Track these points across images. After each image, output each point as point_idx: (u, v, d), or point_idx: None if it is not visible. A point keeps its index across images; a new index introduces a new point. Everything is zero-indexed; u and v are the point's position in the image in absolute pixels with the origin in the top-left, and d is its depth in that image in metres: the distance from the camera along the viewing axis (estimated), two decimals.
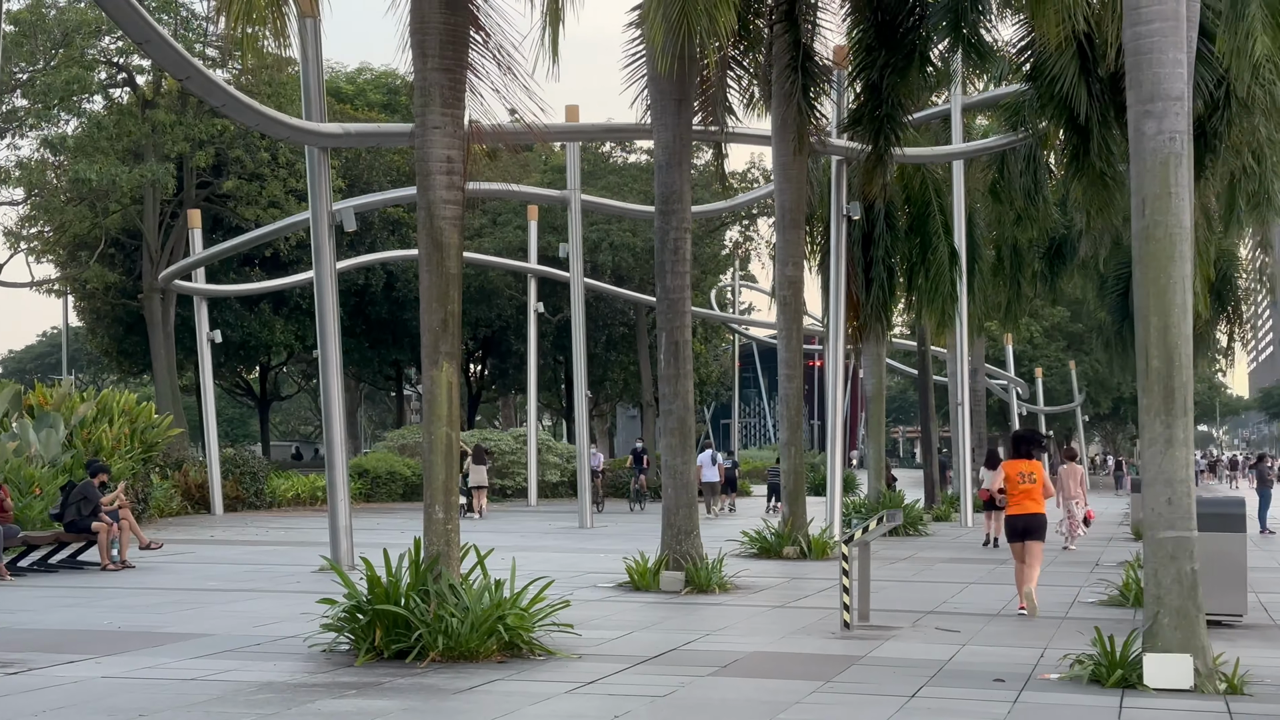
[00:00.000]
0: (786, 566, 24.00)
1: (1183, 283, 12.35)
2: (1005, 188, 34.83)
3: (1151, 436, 12.32)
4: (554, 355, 64.08)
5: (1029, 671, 12.72)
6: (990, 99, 39.18)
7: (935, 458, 42.57)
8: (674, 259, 20.39)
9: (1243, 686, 11.73)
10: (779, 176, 26.84)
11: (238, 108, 20.73)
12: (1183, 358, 12.28)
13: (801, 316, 27.31)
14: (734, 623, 16.25)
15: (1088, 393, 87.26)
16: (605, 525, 36.04)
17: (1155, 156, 12.39)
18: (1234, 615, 16.35)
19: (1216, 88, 23.74)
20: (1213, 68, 23.11)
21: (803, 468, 26.75)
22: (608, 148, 61.29)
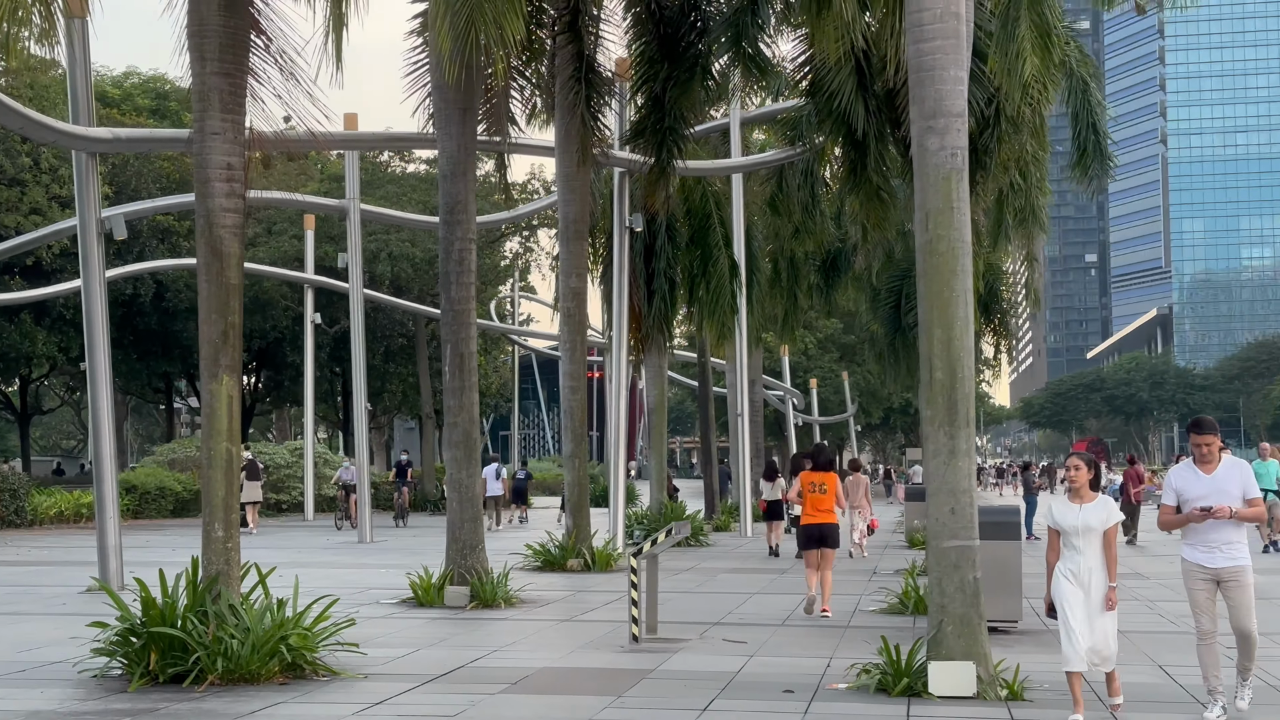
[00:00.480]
0: (571, 579, 23.89)
1: (965, 296, 12.58)
2: (784, 201, 35.32)
3: (935, 447, 12.51)
4: (330, 367, 63.04)
5: (817, 682, 12.81)
6: (769, 113, 39.77)
7: (715, 468, 42.93)
8: (459, 270, 20.14)
9: (1023, 692, 11.96)
10: (562, 188, 26.76)
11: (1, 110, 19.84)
12: (965, 370, 12.51)
13: (585, 328, 27.27)
14: (521, 638, 16.06)
15: (860, 403, 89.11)
16: (385, 540, 35.52)
17: (938, 172, 12.61)
18: (1010, 621, 16.75)
19: (987, 106, 24.37)
20: (984, 86, 23.71)
21: (586, 480, 26.68)
22: (386, 157, 60.56)
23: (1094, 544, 10.72)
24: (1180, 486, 10.99)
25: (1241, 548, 10.83)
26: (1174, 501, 11.03)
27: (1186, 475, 11.02)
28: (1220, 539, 10.75)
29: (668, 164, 26.45)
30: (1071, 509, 10.85)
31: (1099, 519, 10.76)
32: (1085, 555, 10.71)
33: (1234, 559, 10.77)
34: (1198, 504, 10.74)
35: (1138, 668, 13.63)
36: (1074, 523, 10.77)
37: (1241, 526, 10.86)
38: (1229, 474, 10.91)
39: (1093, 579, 10.68)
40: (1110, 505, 10.91)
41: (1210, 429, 10.88)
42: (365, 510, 34.90)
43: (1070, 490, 10.99)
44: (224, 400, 13.11)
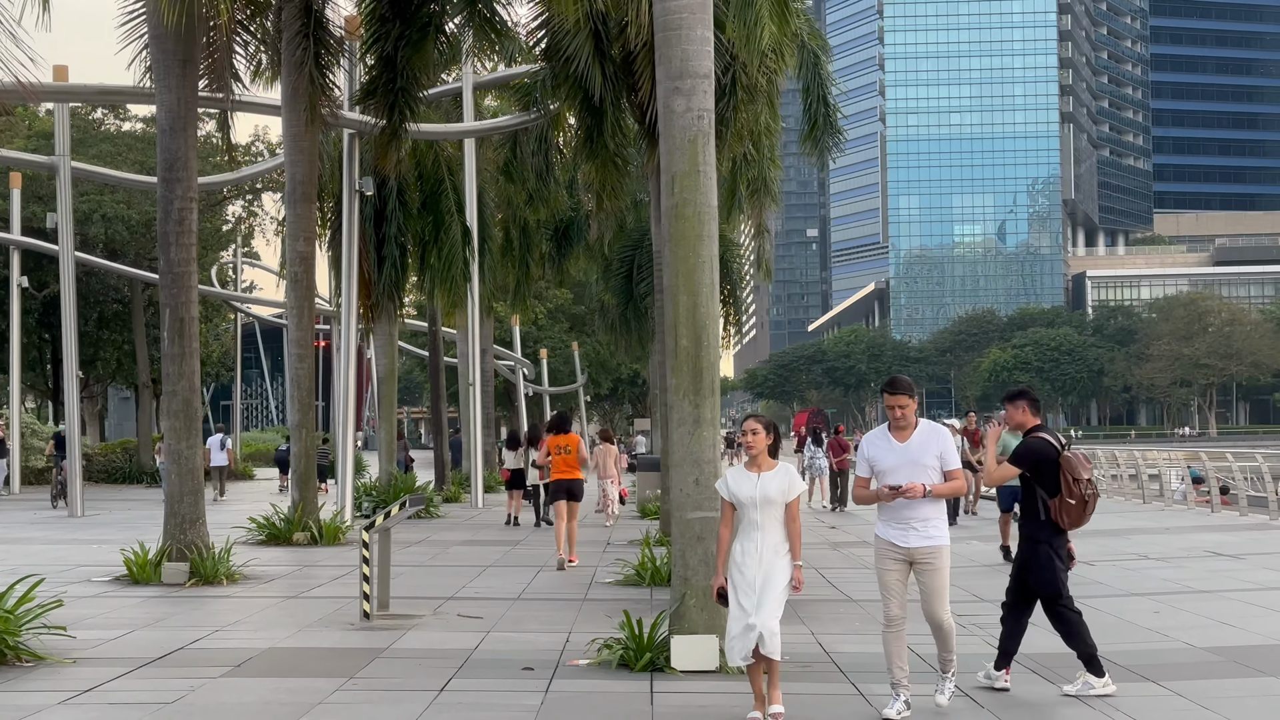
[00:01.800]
0: (297, 553, 23.05)
1: (711, 262, 12.33)
2: (518, 167, 34.81)
3: (680, 417, 12.25)
4: (39, 333, 60.08)
5: (557, 658, 12.43)
6: (502, 78, 39.20)
7: (446, 438, 42.26)
8: (178, 230, 19.10)
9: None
10: (290, 148, 25.78)
11: None
12: (711, 337, 12.27)
13: (313, 294, 26.34)
14: (245, 617, 15.29)
15: (589, 374, 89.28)
16: (98, 513, 33.89)
17: (684, 134, 12.31)
18: None
19: (724, 74, 24.25)
20: (721, 55, 23.58)
21: (313, 450, 25.80)
22: (100, 114, 57.86)
23: (774, 518, 9.64)
24: (873, 455, 10.10)
25: (939, 524, 9.96)
26: (867, 473, 10.19)
27: (879, 443, 10.10)
28: (915, 515, 9.85)
29: (400, 126, 25.61)
30: (748, 478, 9.71)
31: (779, 489, 9.64)
32: (765, 531, 9.62)
33: (930, 538, 9.89)
34: (889, 476, 9.87)
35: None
36: (751, 494, 9.62)
37: (940, 502, 10.00)
38: (925, 442, 9.93)
39: (774, 559, 9.57)
40: (792, 474, 9.80)
41: (904, 389, 9.97)
42: (76, 483, 33.24)
43: (749, 458, 9.83)
44: None
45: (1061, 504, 10.69)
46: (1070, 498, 10.67)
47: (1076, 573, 17.53)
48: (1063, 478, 10.70)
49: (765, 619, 9.39)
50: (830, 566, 20.72)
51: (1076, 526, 10.81)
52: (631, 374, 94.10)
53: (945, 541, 9.98)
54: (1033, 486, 10.85)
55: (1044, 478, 10.77)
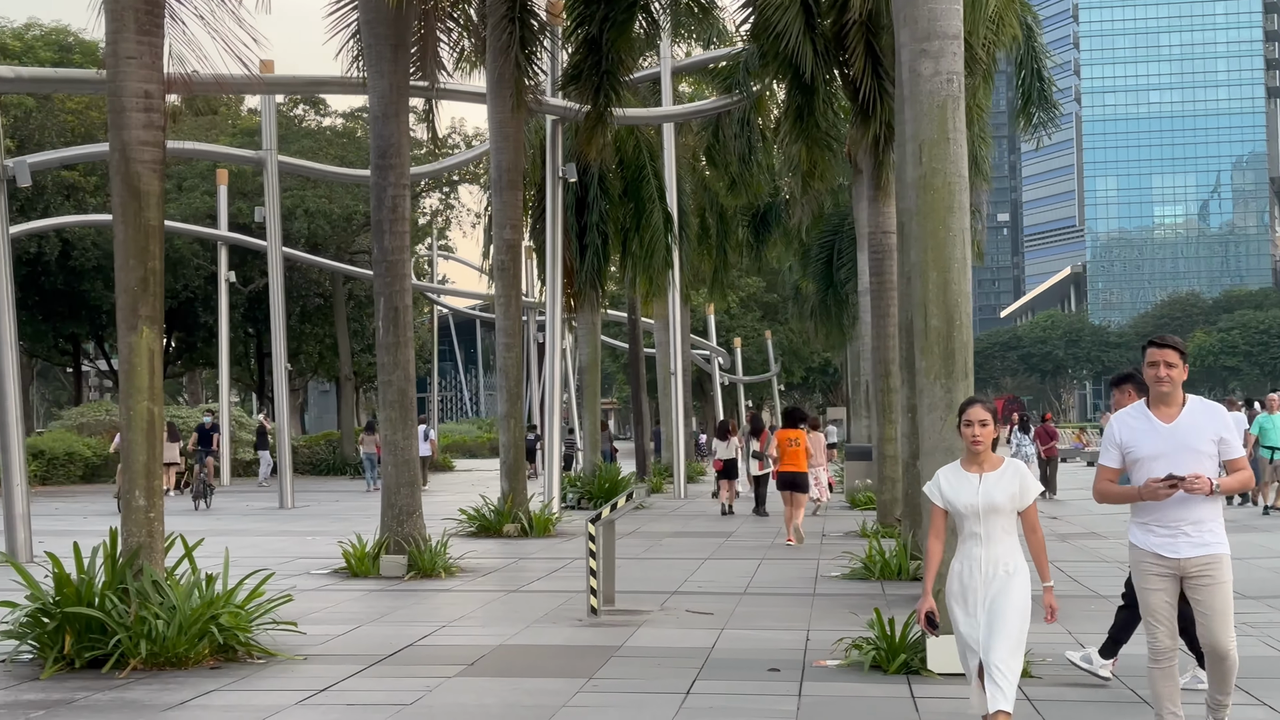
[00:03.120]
0: (509, 545, 22.74)
1: (963, 235, 11.55)
2: (720, 152, 34.25)
3: (931, 402, 11.47)
4: (245, 328, 61.26)
5: (801, 658, 11.76)
6: (701, 61, 38.68)
7: (646, 429, 41.88)
8: (392, 218, 18.84)
9: (1029, 668, 10.96)
10: (495, 135, 25.47)
11: None
12: (964, 316, 11.48)
13: (520, 282, 26.05)
14: (468, 611, 14.90)
15: (782, 362, 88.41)
16: (308, 505, 34.13)
17: (933, 99, 11.53)
18: None
19: None
20: None
21: (523, 440, 25.48)
22: (301, 110, 58.72)
23: (1003, 528, 7.69)
24: (1127, 440, 7.83)
25: (1216, 529, 7.73)
26: (1117, 462, 7.88)
27: (1136, 424, 7.83)
28: (1186, 518, 7.65)
29: (606, 110, 25.19)
30: (968, 480, 7.77)
31: (1007, 494, 7.69)
32: (990, 545, 7.70)
33: (1205, 545, 7.67)
34: (1153, 465, 7.64)
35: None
36: (971, 500, 7.71)
37: (1217, 501, 7.74)
38: (1198, 423, 7.73)
39: (1007, 581, 7.65)
40: (1023, 473, 7.80)
41: (1174, 345, 7.77)
42: (286, 475, 33.51)
43: (968, 454, 7.88)
44: (144, 354, 11.81)
45: None
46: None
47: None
48: None
49: (997, 659, 7.55)
50: (1065, 560, 19.69)
51: None
52: (823, 363, 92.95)
53: (1225, 549, 7.74)
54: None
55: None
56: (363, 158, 54.84)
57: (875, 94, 23.60)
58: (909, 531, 18.11)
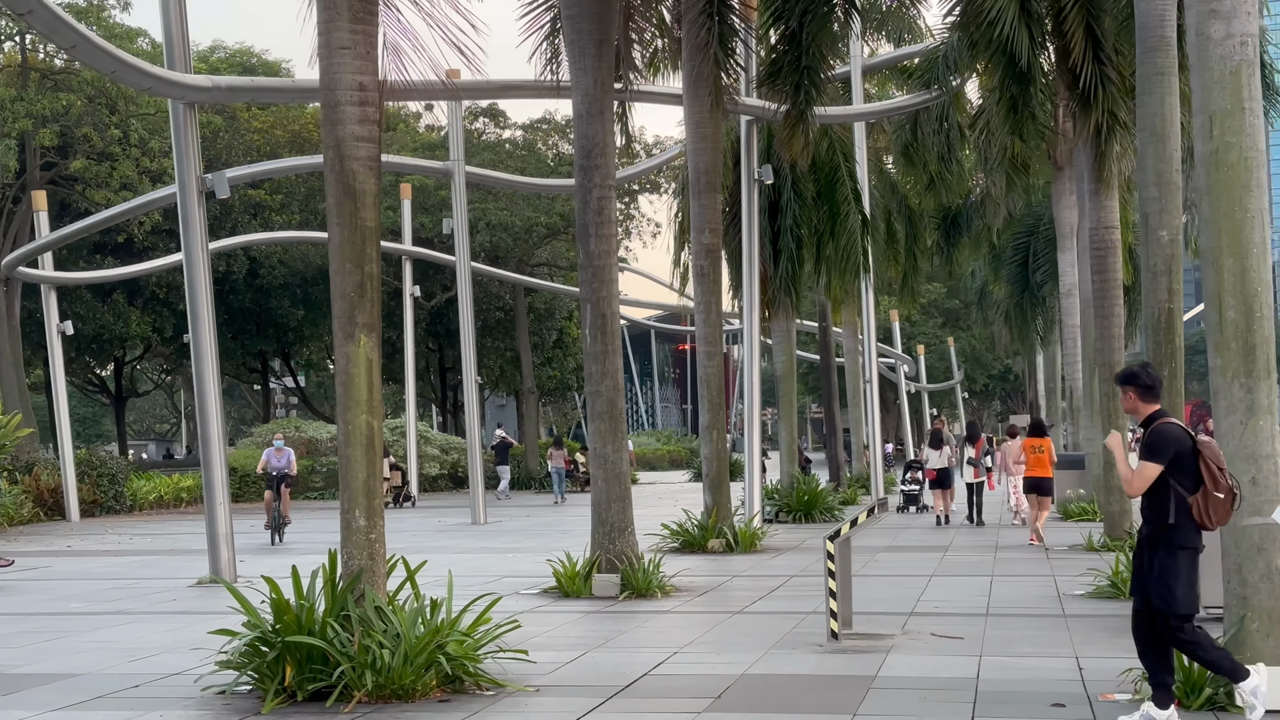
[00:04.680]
0: (715, 562, 21.80)
1: (1261, 217, 10.29)
2: (918, 150, 33.01)
3: (1229, 403, 10.22)
4: (426, 342, 61.28)
5: (1081, 690, 10.61)
6: (892, 59, 37.47)
7: (840, 438, 40.70)
8: (598, 220, 18.00)
9: None
10: (693, 136, 24.59)
11: (91, 51, 17.92)
12: (1265, 307, 10.22)
13: (721, 288, 25.09)
14: (696, 636, 13.93)
15: (965, 369, 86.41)
16: (499, 520, 33.57)
17: (1224, 65, 10.29)
18: None
19: None
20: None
21: (726, 453, 24.53)
22: (480, 123, 58.56)
23: None
24: None
25: None
26: None
27: None
28: None
29: (807, 108, 24.11)
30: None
31: None
32: None
33: None
34: None
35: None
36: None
37: None
38: None
39: None
40: None
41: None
42: (479, 489, 32.97)
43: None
44: (363, 364, 11.06)
45: (1207, 499, 9.01)
46: (1217, 490, 9.00)
47: None
48: (1205, 468, 9.02)
49: None
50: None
51: (1223, 524, 9.18)
52: (1004, 370, 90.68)
53: None
54: (1165, 483, 9.04)
55: (1183, 470, 9.04)
56: (542, 169, 54.50)
57: (1097, 80, 22.30)
58: None
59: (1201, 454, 9.08)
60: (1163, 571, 9.08)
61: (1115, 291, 23.24)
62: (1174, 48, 17.43)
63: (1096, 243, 23.53)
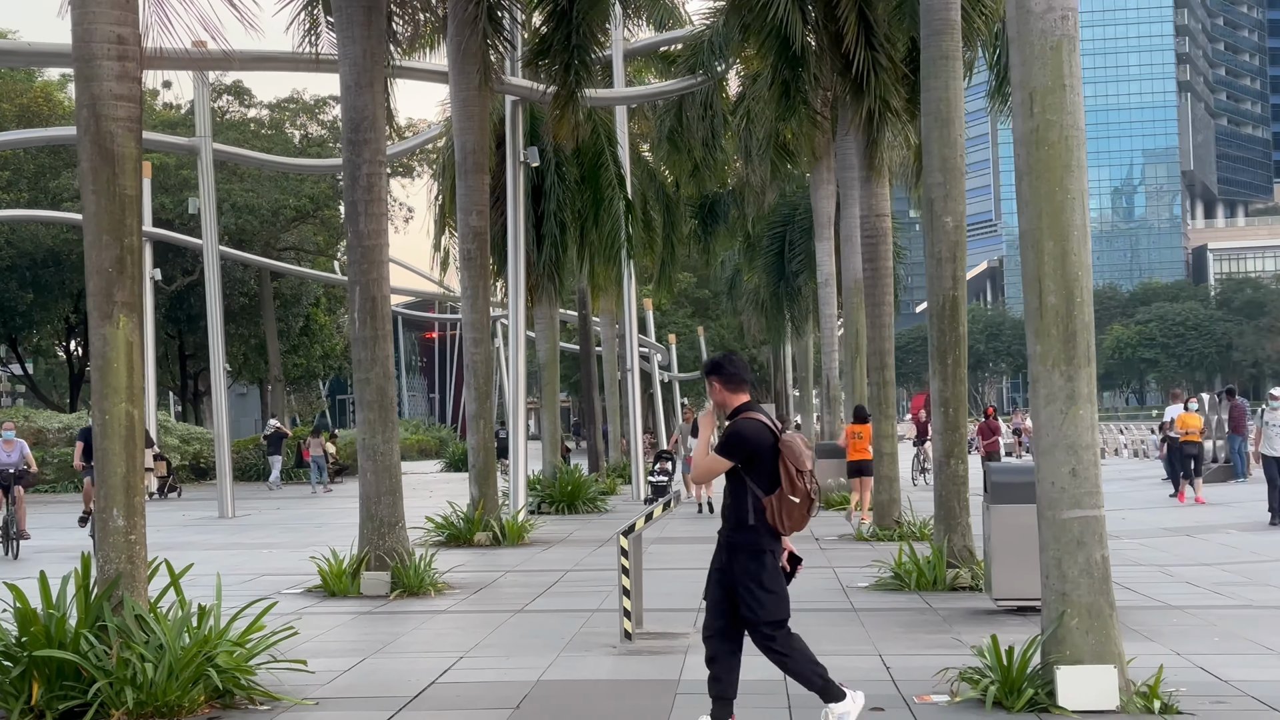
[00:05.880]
0: (484, 556, 21.01)
1: (1082, 198, 9.97)
2: (684, 136, 32.65)
3: (1049, 392, 9.87)
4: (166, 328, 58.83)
5: (895, 692, 10.17)
6: (654, 43, 37.05)
7: (599, 428, 40.20)
8: (368, 198, 17.00)
9: (1176, 704, 9.41)
10: (459, 114, 23.70)
11: None
12: (1085, 292, 9.89)
13: (488, 272, 24.26)
14: (480, 638, 13.12)
15: None
16: (248, 514, 32.11)
17: (1045, 39, 9.93)
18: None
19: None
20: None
21: (492, 443, 23.72)
22: (224, 101, 56.41)
23: None
24: None
25: None
26: None
27: None
28: None
29: (578, 88, 23.44)
30: None
31: None
32: None
33: None
34: None
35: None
36: None
37: None
38: None
39: None
40: None
41: None
42: (227, 481, 31.49)
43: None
44: (122, 348, 9.95)
45: (782, 502, 8.35)
46: (793, 494, 8.34)
47: None
48: (783, 468, 8.34)
49: None
50: None
51: (799, 529, 8.49)
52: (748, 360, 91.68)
53: None
54: (742, 482, 8.43)
55: (760, 469, 8.39)
56: (289, 151, 52.75)
57: (870, 66, 22.12)
58: (943, 537, 16.56)
59: (782, 454, 8.38)
60: (747, 576, 8.48)
61: (886, 280, 23.19)
62: (958, 31, 17.27)
63: (868, 230, 23.43)
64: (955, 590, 15.73)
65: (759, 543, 8.45)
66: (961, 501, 16.63)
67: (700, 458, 8.64)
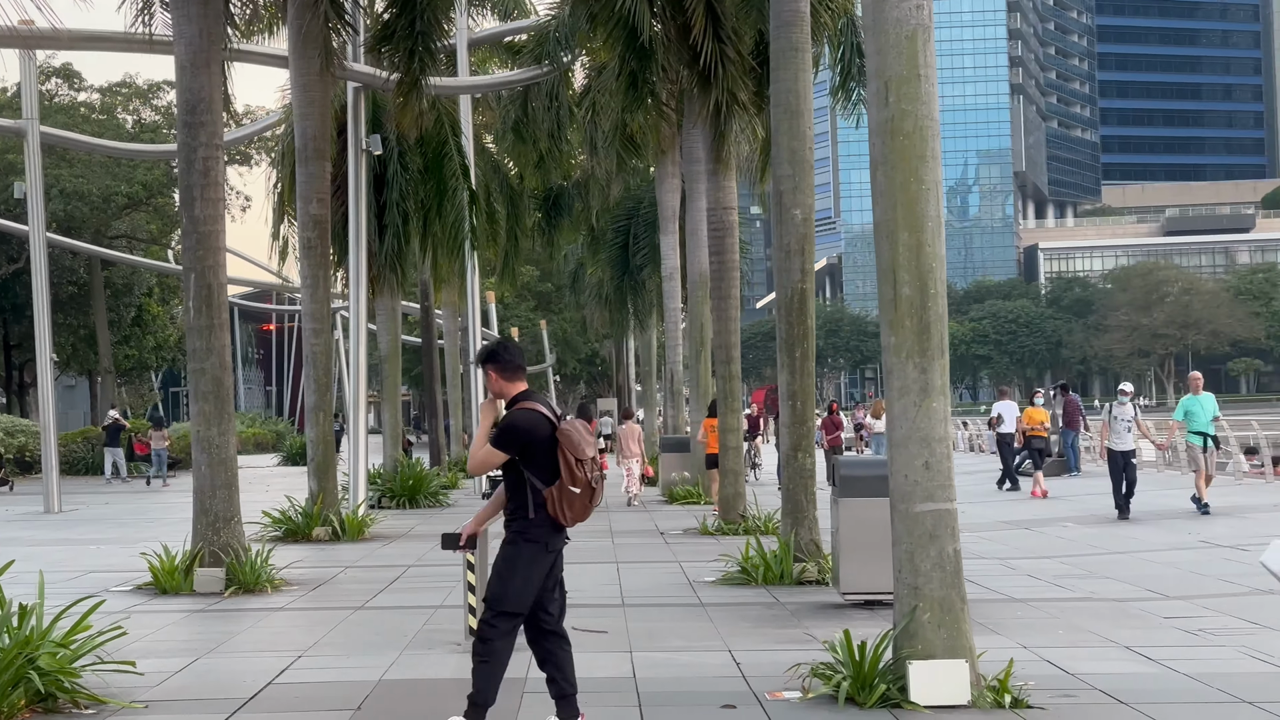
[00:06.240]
0: (323, 551, 20.52)
1: (936, 189, 9.90)
2: (529, 127, 32.32)
3: (903, 384, 9.77)
4: None
5: (746, 688, 10.01)
6: (499, 32, 36.65)
7: (441, 422, 39.69)
8: (204, 183, 16.43)
9: (1026, 698, 9.37)
10: (300, 100, 23.16)
11: None
12: (939, 284, 9.82)
13: (329, 261, 23.76)
14: (318, 636, 12.71)
15: (557, 353, 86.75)
16: (76, 509, 31.08)
17: (900, 28, 9.84)
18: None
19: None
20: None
21: (331, 436, 23.20)
22: (52, 84, 54.73)
23: None
24: None
25: None
26: None
27: None
28: None
29: (422, 75, 23.00)
30: None
31: None
32: None
33: None
34: None
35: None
36: None
37: None
38: None
39: None
40: None
41: None
42: (53, 475, 30.44)
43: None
44: None
45: (562, 493, 8.10)
46: (574, 485, 8.10)
47: None
48: (562, 459, 8.09)
49: None
50: None
51: (581, 520, 8.29)
52: (590, 354, 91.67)
53: None
54: (520, 473, 8.19)
55: (537, 460, 8.15)
56: (122, 136, 51.35)
57: (717, 58, 22.03)
58: (790, 531, 16.48)
59: (560, 444, 8.10)
60: (504, 559, 8.23)
61: (733, 273, 23.12)
62: (808, 23, 17.19)
63: (715, 223, 23.34)
64: (802, 584, 15.66)
65: (535, 534, 8.20)
66: (809, 495, 16.58)
67: (476, 450, 8.26)
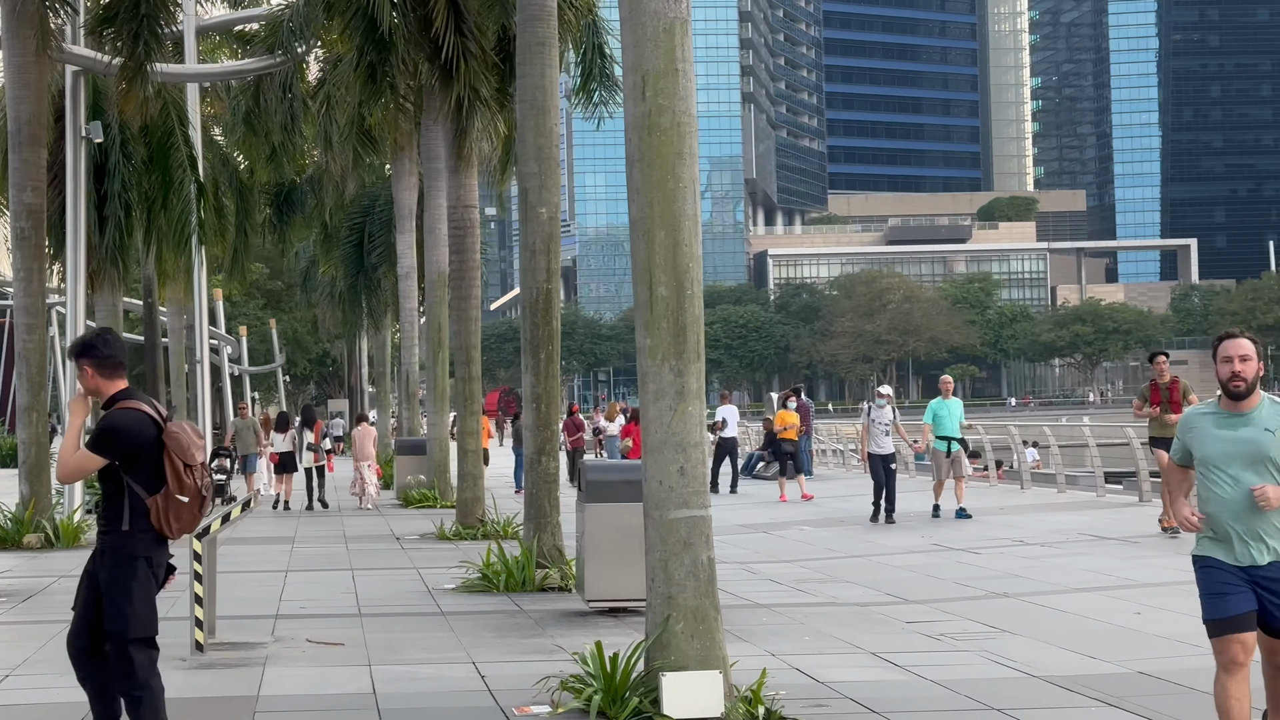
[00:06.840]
0: (35, 560, 19.39)
1: (693, 187, 9.64)
2: (260, 119, 31.28)
3: (658, 388, 9.47)
4: None
5: (491, 703, 9.60)
6: (229, 20, 35.41)
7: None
8: None
9: (780, 709, 9.17)
10: (14, 82, 21.89)
11: None
12: (695, 285, 9.56)
13: (44, 254, 22.51)
14: (29, 654, 11.81)
15: (287, 353, 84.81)
16: None
17: (658, 21, 9.55)
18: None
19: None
20: None
21: (47, 438, 21.97)
22: None
23: None
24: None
25: None
26: None
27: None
28: None
29: (148, 60, 21.99)
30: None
31: None
32: None
33: None
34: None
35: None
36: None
37: None
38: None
39: None
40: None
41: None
42: None
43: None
44: None
45: (168, 502, 7.32)
46: (182, 493, 7.34)
47: (996, 568, 15.52)
48: (169, 464, 7.33)
49: None
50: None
51: (189, 531, 7.62)
52: (322, 354, 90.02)
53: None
54: (119, 479, 7.38)
55: (141, 466, 7.34)
56: None
57: (459, 53, 21.60)
58: (533, 536, 16.11)
59: (167, 447, 7.31)
60: (114, 585, 7.33)
61: (474, 272, 22.68)
62: (554, 18, 16.87)
63: (456, 222, 22.88)
64: (545, 591, 15.29)
65: (133, 548, 7.33)
66: (552, 500, 16.25)
67: (68, 454, 7.36)
